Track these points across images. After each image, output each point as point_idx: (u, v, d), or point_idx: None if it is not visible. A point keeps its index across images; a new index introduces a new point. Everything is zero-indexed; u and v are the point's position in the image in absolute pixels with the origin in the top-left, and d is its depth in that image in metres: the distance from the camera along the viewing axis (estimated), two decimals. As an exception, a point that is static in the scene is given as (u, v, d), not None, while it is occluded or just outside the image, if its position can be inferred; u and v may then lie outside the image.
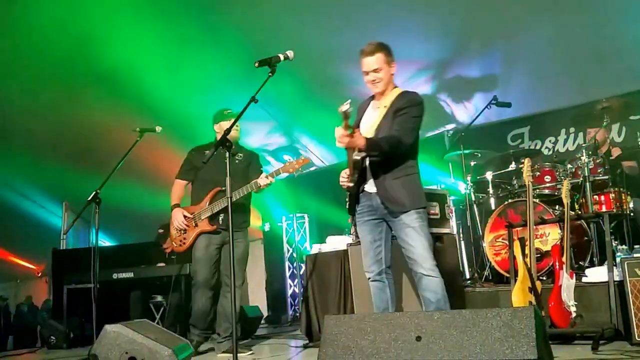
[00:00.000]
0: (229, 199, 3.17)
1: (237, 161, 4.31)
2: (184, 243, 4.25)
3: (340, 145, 3.03)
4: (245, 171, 4.31)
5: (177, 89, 7.29)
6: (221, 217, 4.18)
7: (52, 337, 5.89)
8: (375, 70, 3.19)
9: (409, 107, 3.14)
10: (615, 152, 5.03)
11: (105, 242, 10.59)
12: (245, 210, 4.39)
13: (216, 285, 4.33)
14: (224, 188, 4.06)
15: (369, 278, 3.30)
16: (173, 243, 4.32)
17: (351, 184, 3.19)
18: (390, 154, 3.11)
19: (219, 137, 4.25)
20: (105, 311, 4.11)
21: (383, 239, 3.25)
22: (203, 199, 4.22)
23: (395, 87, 3.31)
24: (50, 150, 8.38)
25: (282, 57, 3.28)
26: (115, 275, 5.90)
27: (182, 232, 4.25)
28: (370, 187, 3.21)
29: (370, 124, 3.25)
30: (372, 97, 3.39)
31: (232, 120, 4.18)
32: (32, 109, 7.67)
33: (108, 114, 7.66)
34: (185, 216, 4.23)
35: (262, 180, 4.01)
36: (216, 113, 4.40)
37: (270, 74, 3.24)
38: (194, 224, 4.22)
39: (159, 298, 6.00)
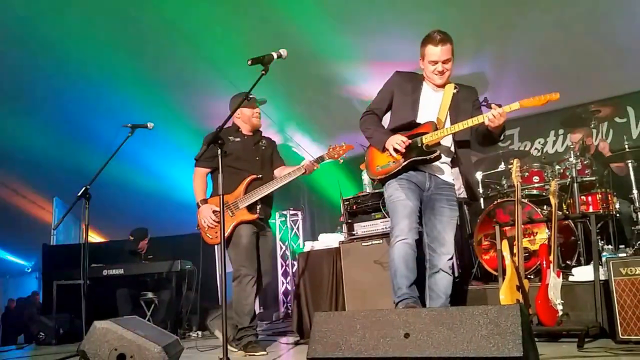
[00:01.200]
0: (221, 195, 3.18)
1: (263, 147, 4.17)
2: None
3: (496, 123, 3.00)
4: (270, 158, 4.22)
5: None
6: (259, 206, 4.00)
7: (41, 333, 5.88)
8: (445, 61, 3.13)
9: (479, 101, 3.25)
10: (604, 146, 5.09)
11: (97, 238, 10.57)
12: (272, 199, 4.21)
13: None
14: (260, 175, 4.01)
15: (404, 239, 3.06)
16: (208, 235, 3.99)
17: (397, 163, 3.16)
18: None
19: (237, 122, 4.13)
20: (95, 307, 4.13)
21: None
22: (237, 188, 3.96)
23: None
24: (41, 145, 8.34)
25: (275, 55, 3.28)
26: (105, 272, 5.89)
27: (217, 223, 3.90)
28: (433, 170, 3.17)
29: (439, 103, 3.18)
30: (420, 76, 3.30)
31: (254, 105, 4.08)
32: (24, 104, 7.63)
33: (97, 108, 7.65)
34: (214, 211, 3.93)
35: (308, 167, 3.95)
36: (234, 97, 4.08)
37: (263, 72, 3.25)
38: (230, 214, 3.92)
39: (150, 295, 6.01)
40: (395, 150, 3.13)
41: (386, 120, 3.45)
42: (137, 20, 6.29)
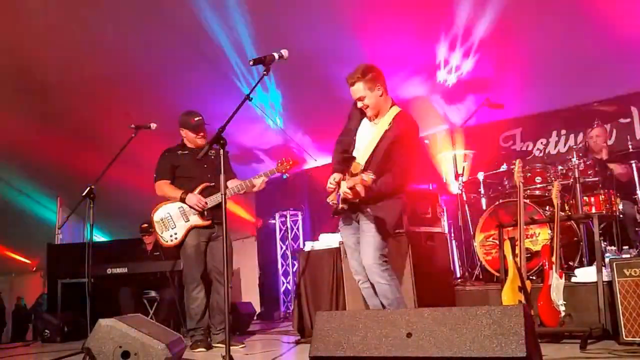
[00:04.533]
0: (223, 195, 3.19)
1: (212, 157, 4.32)
2: (175, 239, 4.24)
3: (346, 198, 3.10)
4: (218, 167, 4.35)
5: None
6: (205, 211, 4.23)
7: (46, 330, 5.92)
8: (359, 99, 3.23)
9: (407, 139, 3.16)
10: (605, 154, 5.09)
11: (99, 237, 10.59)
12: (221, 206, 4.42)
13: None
14: (212, 183, 4.22)
15: (359, 281, 3.34)
16: (162, 238, 4.27)
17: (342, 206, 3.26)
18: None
19: (184, 141, 4.41)
20: (99, 305, 4.15)
21: None
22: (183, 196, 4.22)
23: (393, 104, 3.31)
24: (45, 145, 8.37)
25: (276, 56, 3.29)
26: (109, 270, 5.91)
27: (172, 227, 4.23)
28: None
29: (366, 143, 3.25)
30: None
31: (199, 130, 4.34)
32: (28, 104, 7.66)
33: (104, 109, 7.67)
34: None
35: (256, 181, 4.11)
36: (183, 117, 4.38)
37: (264, 72, 3.26)
38: (185, 220, 4.22)
39: (152, 293, 6.04)
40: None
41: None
42: (140, 22, 6.32)
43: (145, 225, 6.45)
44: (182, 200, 4.21)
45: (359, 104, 3.26)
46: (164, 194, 4.33)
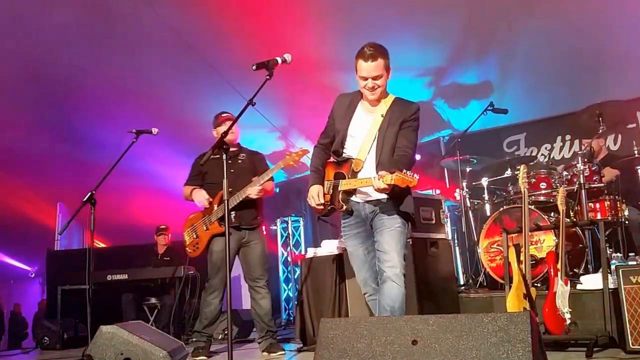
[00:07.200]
0: (226, 201, 3.17)
1: (239, 161, 4.32)
2: (198, 247, 4.29)
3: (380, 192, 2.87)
4: (248, 171, 4.31)
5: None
6: (232, 215, 4.13)
7: (45, 337, 5.89)
8: (375, 77, 2.98)
9: (414, 121, 3.04)
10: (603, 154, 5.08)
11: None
12: (256, 206, 4.36)
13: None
14: (230, 189, 4.14)
15: (366, 294, 3.14)
16: (187, 249, 4.35)
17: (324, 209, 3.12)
18: None
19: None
20: (99, 312, 4.11)
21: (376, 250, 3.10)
22: (211, 203, 4.25)
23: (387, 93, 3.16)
24: (45, 151, 8.37)
25: (279, 60, 3.27)
26: (109, 277, 5.89)
27: (195, 236, 4.28)
28: (363, 196, 3.07)
29: (366, 130, 3.06)
30: (359, 95, 3.18)
31: (220, 124, 4.31)
32: (29, 110, 7.66)
33: (102, 115, 7.68)
34: (207, 199, 4.23)
35: (251, 190, 4.08)
36: (214, 118, 4.43)
37: (267, 77, 3.23)
38: (204, 228, 4.25)
39: (153, 300, 6.02)
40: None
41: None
42: (139, 26, 6.32)
43: (163, 226, 6.46)
44: (190, 193, 4.31)
45: (369, 83, 2.99)
46: (185, 197, 4.43)
